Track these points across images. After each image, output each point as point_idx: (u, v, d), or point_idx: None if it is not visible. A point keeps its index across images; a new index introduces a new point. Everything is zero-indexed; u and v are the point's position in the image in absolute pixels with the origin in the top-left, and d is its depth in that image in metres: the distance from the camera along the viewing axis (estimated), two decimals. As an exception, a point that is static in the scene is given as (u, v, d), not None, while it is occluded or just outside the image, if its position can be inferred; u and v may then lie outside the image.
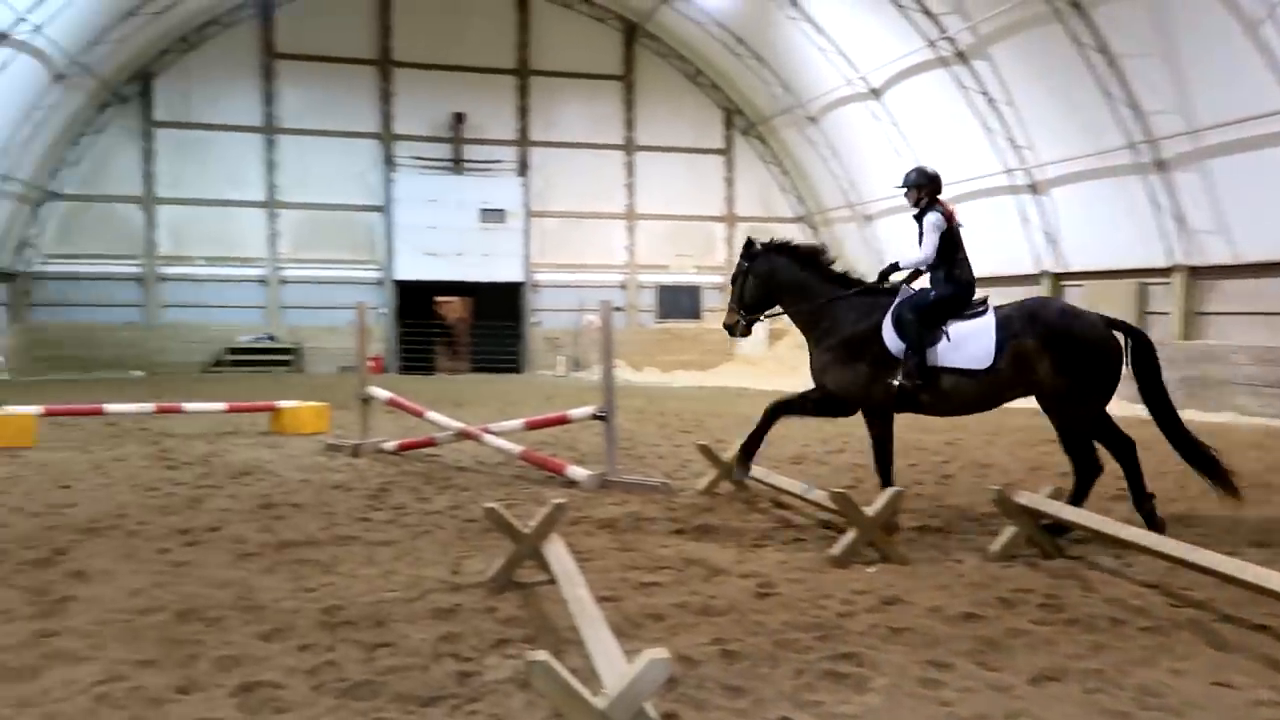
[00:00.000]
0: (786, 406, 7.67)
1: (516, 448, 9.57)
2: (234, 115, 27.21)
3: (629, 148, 29.64)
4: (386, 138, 28.01)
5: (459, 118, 28.17)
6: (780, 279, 7.59)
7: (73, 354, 25.74)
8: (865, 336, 7.20)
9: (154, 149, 26.83)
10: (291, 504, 8.00)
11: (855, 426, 7.71)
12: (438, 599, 5.29)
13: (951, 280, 7.23)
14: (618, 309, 27.46)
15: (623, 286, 29.31)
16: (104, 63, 24.60)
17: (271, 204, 27.49)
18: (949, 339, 7.00)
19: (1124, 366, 6.88)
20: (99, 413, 12.34)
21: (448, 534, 6.94)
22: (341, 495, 8.44)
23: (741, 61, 27.89)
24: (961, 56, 21.09)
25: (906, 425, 13.65)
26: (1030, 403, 7.23)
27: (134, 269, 26.82)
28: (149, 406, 12.70)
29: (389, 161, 27.90)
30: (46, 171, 25.68)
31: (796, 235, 30.41)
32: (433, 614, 5.03)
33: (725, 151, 30.55)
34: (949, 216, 7.30)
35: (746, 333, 7.84)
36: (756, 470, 8.04)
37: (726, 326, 7.87)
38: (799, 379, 17.94)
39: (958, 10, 20.28)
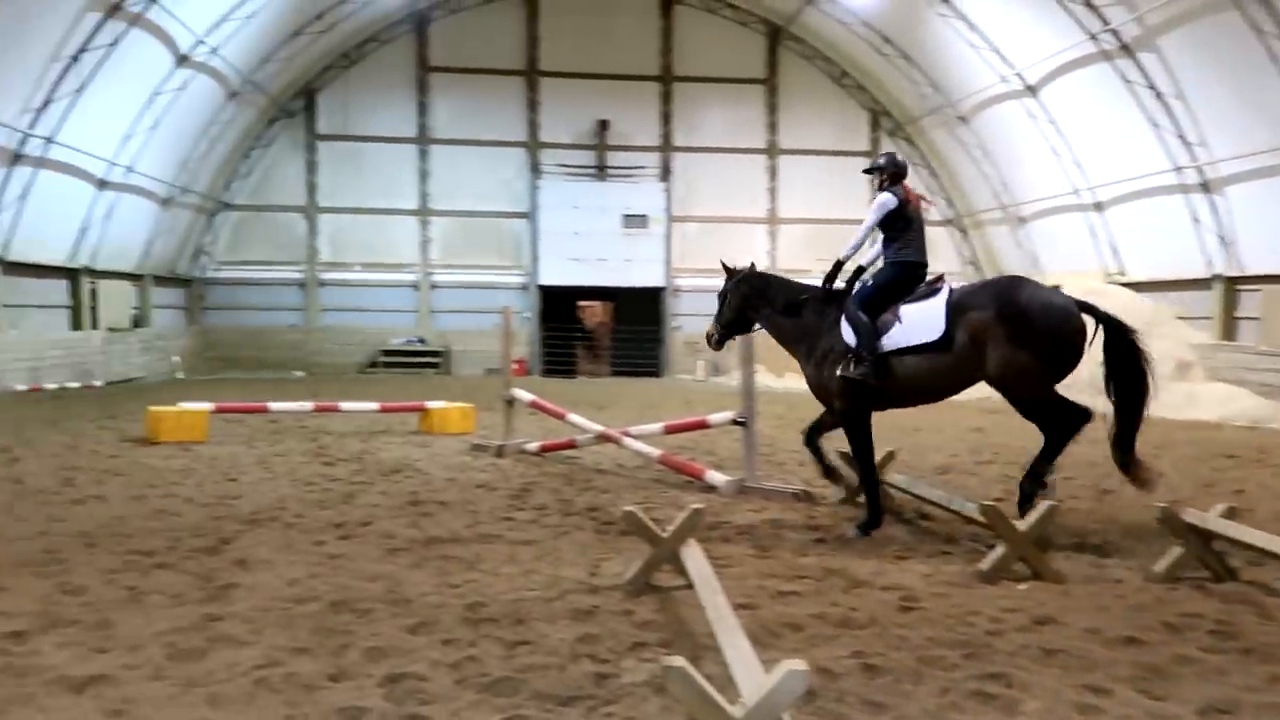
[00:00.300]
0: (817, 428, 7.71)
1: (655, 451, 9.60)
2: (389, 127, 28.40)
3: (771, 151, 29.42)
4: (533, 146, 28.67)
5: (603, 125, 28.57)
6: (752, 302, 7.89)
7: (240, 355, 27.41)
8: (833, 340, 7.26)
9: (316, 161, 28.29)
10: (438, 501, 8.26)
11: (1009, 437, 7.39)
12: (576, 599, 5.35)
13: (894, 262, 7.23)
14: (759, 314, 27.25)
15: (764, 291, 29.09)
16: (273, 80, 26.11)
17: (423, 212, 28.55)
18: (900, 321, 6.93)
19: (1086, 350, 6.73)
20: (264, 410, 13.09)
21: (587, 535, 7.02)
22: (485, 494, 8.65)
23: (889, 61, 27.28)
24: (1126, 49, 20.03)
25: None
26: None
27: (296, 275, 28.34)
28: (308, 405, 13.37)
29: (535, 169, 28.55)
30: (221, 184, 27.44)
31: (945, 238, 29.77)
32: (571, 614, 5.09)
33: (871, 153, 29.89)
34: (907, 199, 7.25)
35: (719, 347, 8.18)
36: (900, 479, 7.83)
37: (707, 336, 8.24)
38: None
39: (1122, 1, 19.27)
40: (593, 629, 4.86)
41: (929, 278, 7.22)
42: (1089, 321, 6.76)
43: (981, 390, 7.25)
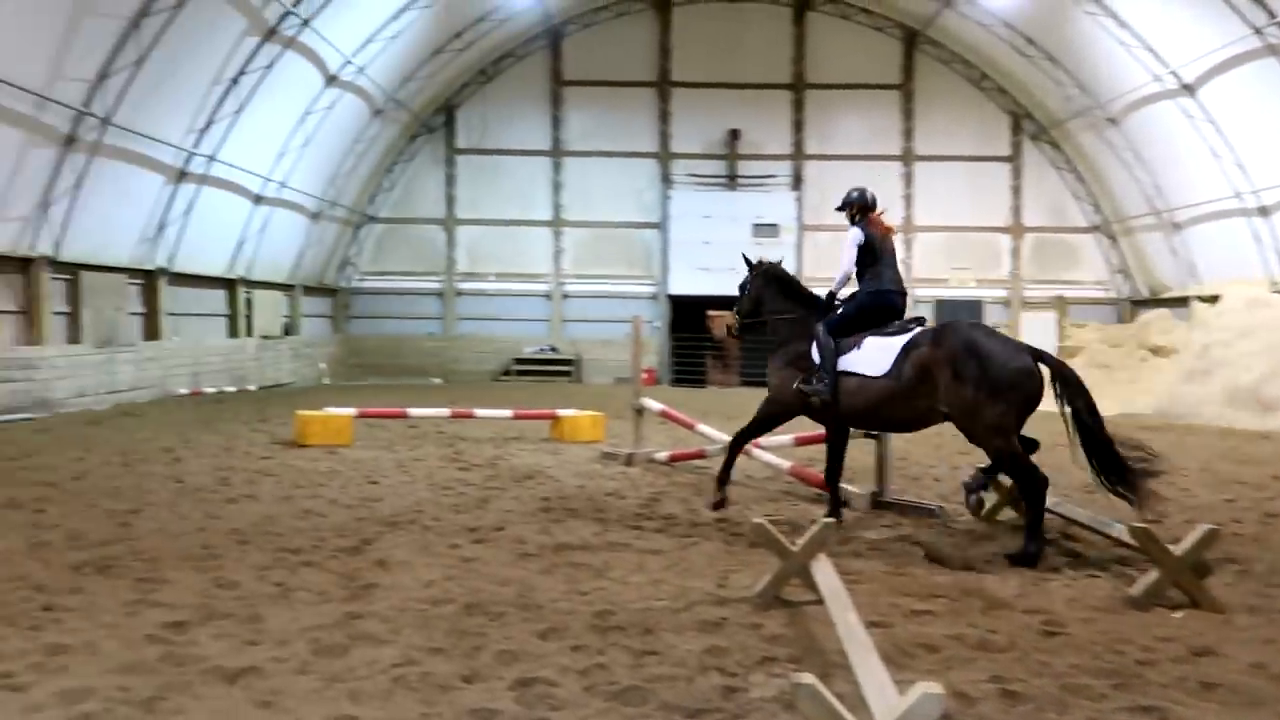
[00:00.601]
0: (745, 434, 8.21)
1: (785, 463, 9.50)
2: (524, 140, 29.05)
3: (907, 158, 28.78)
4: (664, 156, 28.85)
5: (734, 134, 28.52)
6: (766, 295, 8.39)
7: (382, 361, 28.46)
8: (802, 351, 7.86)
9: (455, 174, 29.20)
10: (568, 509, 8.37)
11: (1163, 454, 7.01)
12: (704, 611, 5.33)
13: (863, 291, 7.77)
14: (892, 324, 26.65)
15: (898, 301, 28.41)
16: (415, 97, 27.08)
17: (556, 223, 29.09)
18: (859, 348, 7.43)
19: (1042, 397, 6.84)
20: (403, 416, 13.55)
21: (715, 546, 6.99)
22: (614, 502, 8.73)
23: (1032, 63, 26.31)
24: (1295, 43, 18.75)
25: (1221, 454, 12.28)
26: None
27: (435, 285, 29.26)
28: (445, 411, 13.78)
29: (666, 179, 28.71)
30: (365, 197, 28.62)
31: (1092, 245, 28.53)
32: (699, 626, 5.07)
33: (1012, 159, 28.92)
34: (874, 231, 7.76)
35: (736, 336, 8.83)
36: (1048, 498, 7.51)
37: (727, 327, 8.88)
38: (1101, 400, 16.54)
39: (1291, -9, 18.07)
40: (721, 641, 4.83)
41: (910, 318, 7.61)
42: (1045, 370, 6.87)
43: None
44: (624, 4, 28.54)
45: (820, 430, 9.94)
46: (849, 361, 7.45)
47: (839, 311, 7.83)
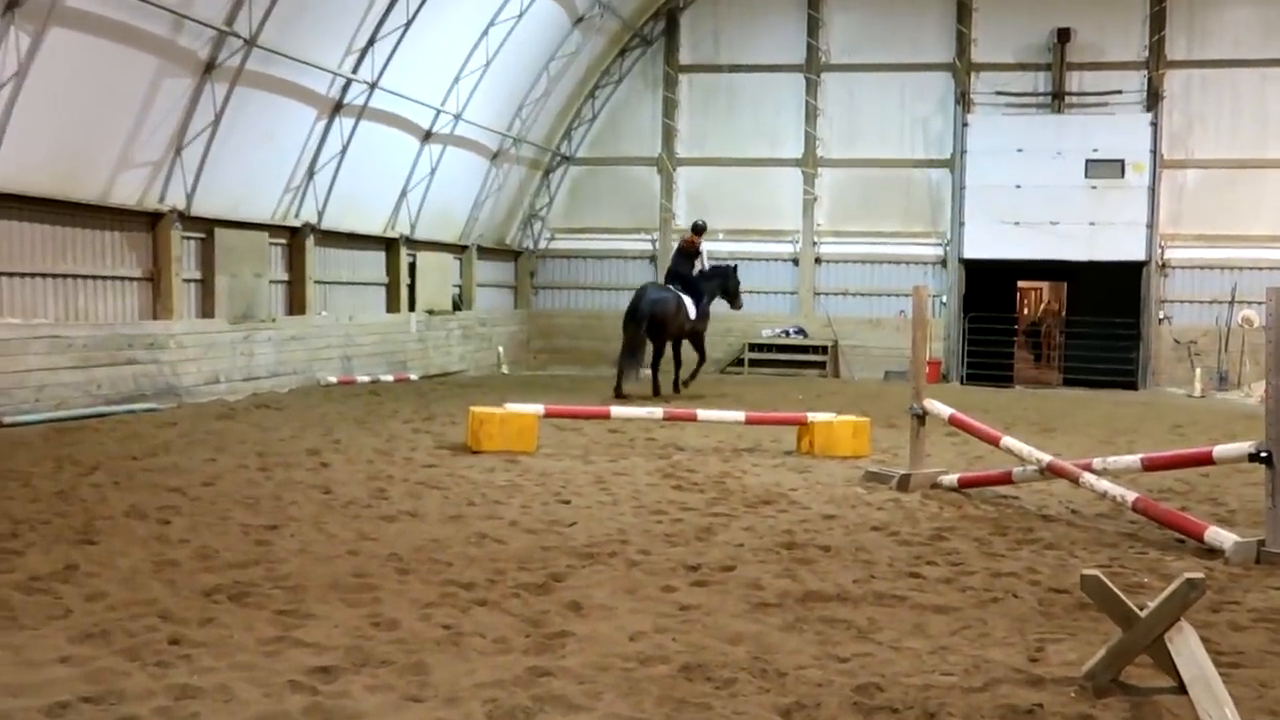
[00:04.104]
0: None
1: (1130, 494, 9.09)
2: (769, 53, 28.93)
3: (1321, 61, 26.73)
4: (961, 69, 28.02)
5: (1062, 35, 27.35)
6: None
7: (576, 345, 29.22)
8: None
9: (676, 99, 29.51)
10: (819, 546, 8.35)
11: None
12: (1009, 693, 5.18)
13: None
14: (1292, 302, 24.87)
15: (1307, 268, 26.54)
16: (627, 1, 27.57)
17: (808, 161, 28.86)
18: None
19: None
20: (604, 416, 13.90)
21: (1025, 605, 6.80)
22: (884, 540, 8.63)
23: None
24: None
25: None
26: None
27: (646, 245, 29.78)
28: (657, 413, 14.05)
29: (962, 100, 27.88)
30: (560, 132, 29.47)
31: None
32: (1002, 713, 4.94)
33: None
34: (684, 245, 21.24)
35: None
36: None
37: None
38: None
39: None
40: (1033, 736, 4.69)
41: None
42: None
43: None
44: None
45: (1184, 451, 9.51)
46: None
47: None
